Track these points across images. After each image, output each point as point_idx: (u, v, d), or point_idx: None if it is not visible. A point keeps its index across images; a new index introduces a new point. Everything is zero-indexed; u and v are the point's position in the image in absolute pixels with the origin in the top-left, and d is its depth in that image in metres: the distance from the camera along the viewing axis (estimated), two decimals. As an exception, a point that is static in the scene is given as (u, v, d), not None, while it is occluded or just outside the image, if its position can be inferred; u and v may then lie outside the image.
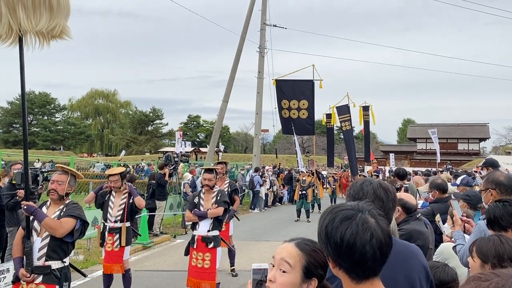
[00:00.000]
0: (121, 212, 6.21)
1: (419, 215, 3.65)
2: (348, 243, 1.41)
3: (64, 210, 4.14)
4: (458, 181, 8.46)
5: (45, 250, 4.00)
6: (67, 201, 4.27)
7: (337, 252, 1.45)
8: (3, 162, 9.93)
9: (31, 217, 4.00)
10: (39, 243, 4.02)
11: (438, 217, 4.41)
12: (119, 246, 6.18)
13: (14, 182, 6.71)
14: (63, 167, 4.47)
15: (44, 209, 4.16)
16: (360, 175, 19.88)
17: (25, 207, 3.92)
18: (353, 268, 1.45)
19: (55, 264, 4.01)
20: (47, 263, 3.98)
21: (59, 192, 4.18)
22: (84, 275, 5.01)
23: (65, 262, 4.11)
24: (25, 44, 3.65)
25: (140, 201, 6.27)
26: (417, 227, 3.43)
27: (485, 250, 2.52)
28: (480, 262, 2.53)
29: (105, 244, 6.24)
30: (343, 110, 22.58)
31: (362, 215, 1.46)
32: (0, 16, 3.48)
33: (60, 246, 4.06)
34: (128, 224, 6.28)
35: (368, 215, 1.47)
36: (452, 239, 3.76)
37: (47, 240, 4.02)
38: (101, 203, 6.39)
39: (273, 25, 23.90)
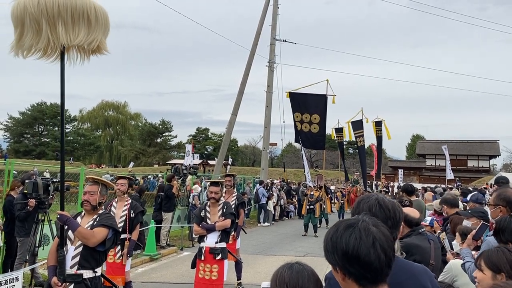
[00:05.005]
0: (122, 224, 6.22)
1: (422, 229, 3.64)
2: (353, 248, 1.51)
3: (97, 220, 4.16)
4: (469, 197, 8.37)
5: (77, 258, 4.02)
6: (100, 211, 4.30)
7: (344, 259, 1.53)
8: (15, 172, 10.04)
9: (65, 226, 4.04)
10: (72, 251, 4.04)
11: (443, 235, 4.38)
12: (121, 258, 6.17)
13: (25, 192, 6.80)
14: (93, 177, 4.46)
15: (78, 219, 4.19)
16: (367, 191, 19.81)
17: (59, 216, 3.97)
18: (362, 273, 1.52)
19: (87, 274, 4.01)
20: (79, 271, 3.99)
21: (92, 203, 4.21)
22: (116, 286, 4.94)
23: (96, 272, 4.11)
24: (67, 59, 3.79)
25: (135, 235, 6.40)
26: (417, 241, 3.39)
27: (495, 260, 2.54)
28: (491, 273, 2.53)
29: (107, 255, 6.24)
30: (358, 125, 22.49)
31: (363, 223, 1.57)
32: (40, 31, 3.64)
33: (92, 255, 4.06)
34: (129, 235, 6.26)
35: (369, 223, 1.58)
36: (460, 256, 3.74)
37: (80, 249, 4.04)
38: None
39: (283, 40, 24.22)
